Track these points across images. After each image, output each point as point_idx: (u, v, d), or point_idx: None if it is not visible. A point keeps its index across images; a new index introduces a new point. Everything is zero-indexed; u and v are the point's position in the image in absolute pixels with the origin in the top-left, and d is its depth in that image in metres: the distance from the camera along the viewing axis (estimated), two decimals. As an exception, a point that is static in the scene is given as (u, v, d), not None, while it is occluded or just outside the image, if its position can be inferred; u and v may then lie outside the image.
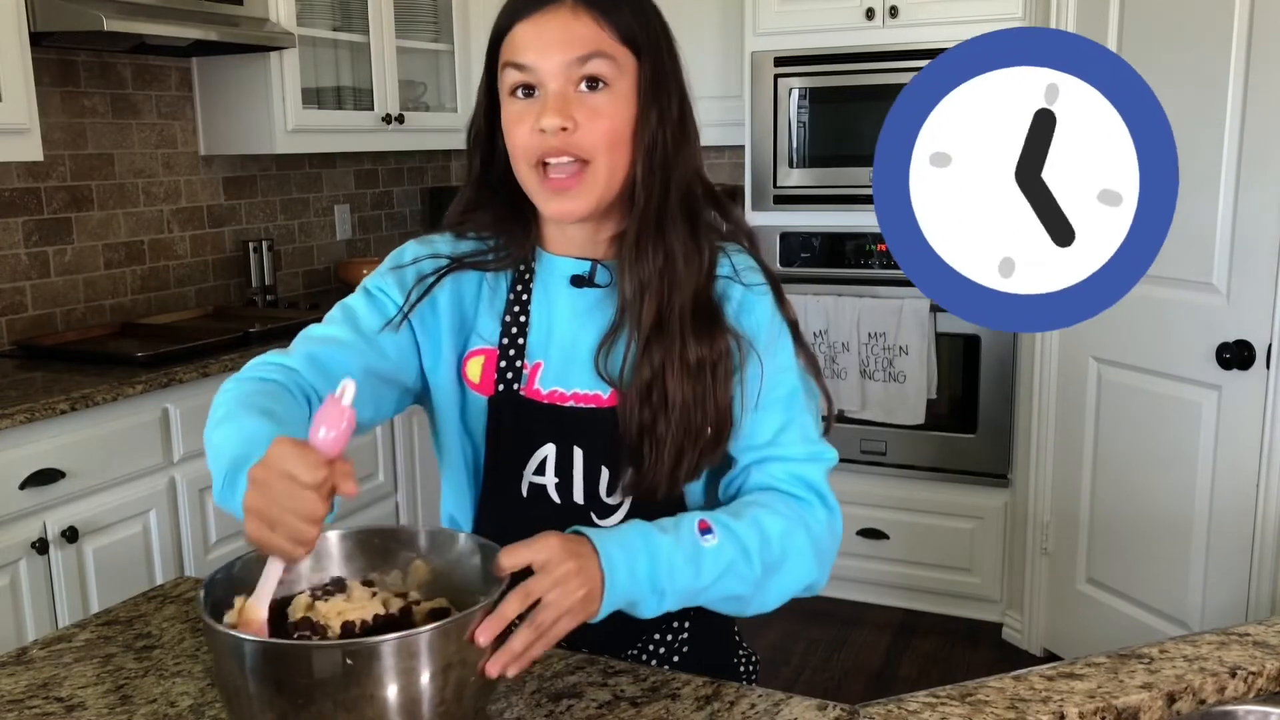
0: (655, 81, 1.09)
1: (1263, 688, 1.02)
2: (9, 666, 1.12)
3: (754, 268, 1.16)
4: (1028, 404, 3.06)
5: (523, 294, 1.17)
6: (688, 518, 1.05)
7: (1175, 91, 2.45)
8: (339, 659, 0.80)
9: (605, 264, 1.16)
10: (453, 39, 3.80)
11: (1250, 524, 2.38)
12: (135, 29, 2.55)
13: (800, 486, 1.13)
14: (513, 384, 1.15)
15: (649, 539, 1.00)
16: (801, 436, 1.14)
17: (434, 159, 4.33)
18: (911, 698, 0.98)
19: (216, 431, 1.01)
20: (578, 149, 1.07)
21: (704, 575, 1.02)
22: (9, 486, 2.17)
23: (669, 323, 1.09)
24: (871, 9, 3.18)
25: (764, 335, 1.13)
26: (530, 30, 1.07)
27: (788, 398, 1.14)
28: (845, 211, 3.32)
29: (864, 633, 3.29)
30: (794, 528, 1.09)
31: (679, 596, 1.02)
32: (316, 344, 1.13)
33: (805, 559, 1.10)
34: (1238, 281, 2.35)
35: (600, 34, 1.06)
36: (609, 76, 1.07)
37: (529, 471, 1.15)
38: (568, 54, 1.05)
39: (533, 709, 1.01)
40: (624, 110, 1.08)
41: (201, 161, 3.29)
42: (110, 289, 3.03)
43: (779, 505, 1.10)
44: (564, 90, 1.06)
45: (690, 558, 1.01)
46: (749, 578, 1.05)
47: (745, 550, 1.05)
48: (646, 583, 0.98)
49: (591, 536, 0.97)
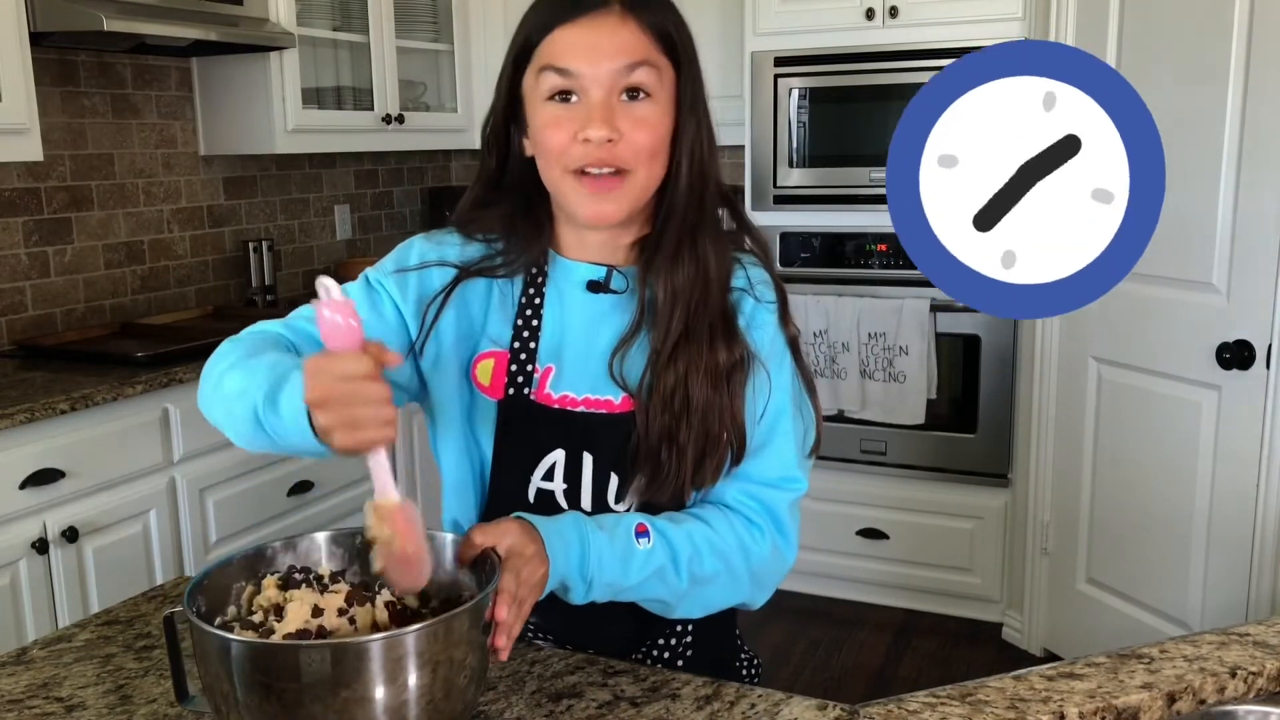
0: (694, 88, 1.10)
1: (1263, 688, 1.02)
2: (9, 666, 1.12)
3: (767, 282, 1.17)
4: (1028, 404, 3.06)
5: (535, 298, 1.16)
6: (628, 518, 1.08)
7: (1175, 91, 2.45)
8: (326, 658, 0.81)
9: (621, 270, 1.15)
10: (453, 39, 3.80)
11: (1250, 524, 2.38)
12: (135, 29, 2.55)
13: (758, 509, 1.13)
14: (523, 388, 1.14)
15: (582, 531, 1.04)
16: (777, 460, 1.14)
17: (434, 159, 4.33)
18: (911, 698, 0.98)
19: (230, 376, 1.03)
20: (620, 160, 1.06)
21: (631, 575, 1.06)
22: (9, 486, 2.17)
23: (697, 329, 1.10)
24: (871, 9, 3.18)
25: (764, 351, 1.13)
26: (575, 35, 1.05)
27: (774, 418, 1.14)
28: (845, 211, 3.32)
29: (864, 633, 3.29)
30: (730, 550, 1.11)
31: (605, 589, 1.06)
32: (310, 324, 1.13)
33: (738, 580, 1.12)
34: (1238, 281, 2.35)
35: (646, 42, 1.06)
36: (652, 86, 1.07)
37: (537, 477, 1.14)
38: (616, 61, 1.05)
39: (533, 709, 1.01)
40: (665, 120, 1.08)
41: (201, 161, 3.29)
42: (110, 289, 3.03)
43: (721, 525, 1.11)
44: (608, 99, 1.05)
45: (621, 556, 1.05)
46: (674, 586, 1.09)
47: (675, 559, 1.08)
48: (576, 569, 1.03)
49: (534, 522, 1.02)
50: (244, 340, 1.10)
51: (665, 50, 1.08)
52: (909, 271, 3.28)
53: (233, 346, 1.09)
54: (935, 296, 3.20)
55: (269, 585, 0.94)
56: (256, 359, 1.03)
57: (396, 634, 0.83)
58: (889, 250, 3.30)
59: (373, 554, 0.92)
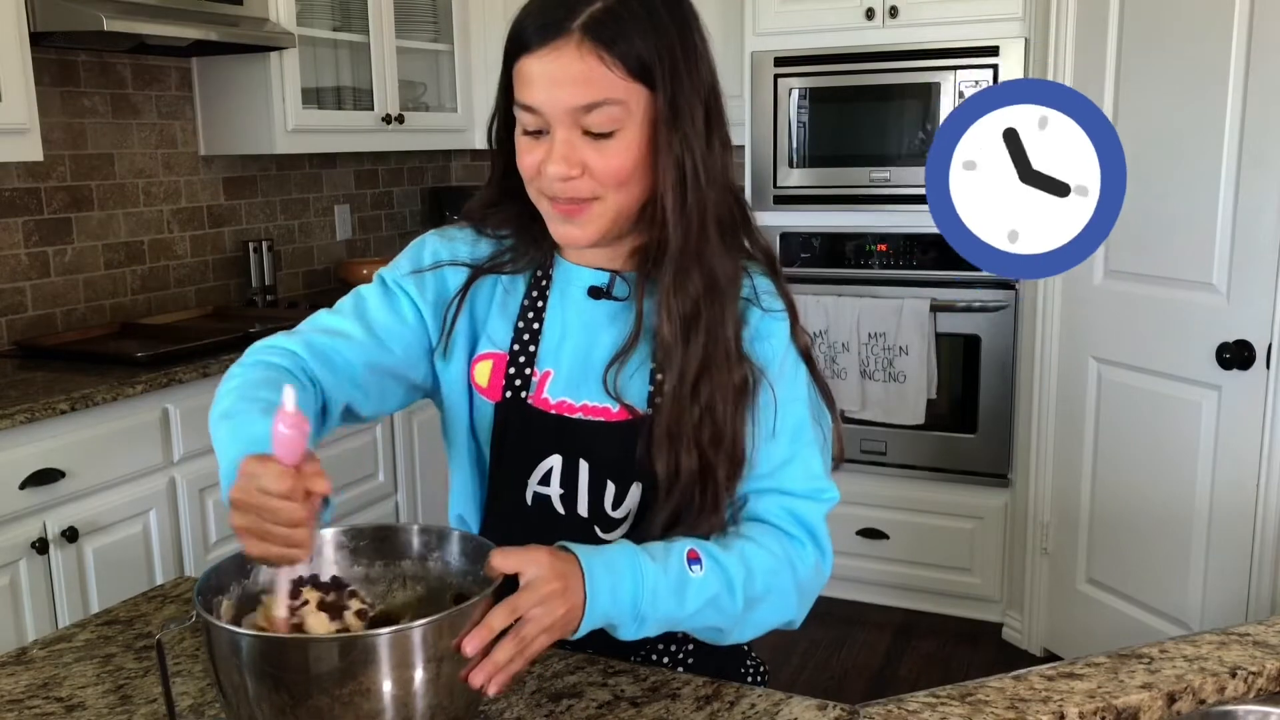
0: (673, 108, 1.03)
1: (1263, 688, 1.02)
2: (9, 666, 1.12)
3: (773, 292, 1.13)
4: (1028, 404, 3.06)
5: (538, 300, 1.15)
6: (678, 545, 1.03)
7: (1175, 91, 2.46)
8: (335, 652, 0.82)
9: (624, 276, 1.14)
10: (453, 39, 3.80)
11: (1250, 524, 2.38)
12: (135, 29, 2.55)
13: (794, 523, 1.11)
14: (521, 391, 1.13)
15: (635, 563, 0.98)
16: (804, 472, 1.11)
17: (434, 159, 4.33)
18: (911, 698, 0.98)
19: (220, 428, 1.02)
20: (582, 192, 1.04)
21: (687, 605, 1.01)
22: (9, 486, 2.17)
23: (716, 355, 1.06)
24: (871, 9, 3.18)
25: (776, 363, 1.11)
26: (536, 66, 1.01)
27: (795, 430, 1.11)
28: (845, 211, 3.32)
29: (864, 633, 3.29)
30: (780, 566, 1.07)
31: (660, 623, 1.01)
32: (323, 334, 1.13)
33: (787, 597, 1.09)
34: (1238, 281, 2.35)
35: (607, 75, 1.00)
36: (617, 123, 1.02)
37: (533, 481, 1.13)
38: (572, 100, 1.00)
39: (533, 709, 1.01)
40: (636, 148, 1.03)
41: (201, 161, 3.29)
42: (110, 289, 3.03)
43: (768, 541, 1.08)
44: (570, 136, 1.02)
45: (675, 587, 1.00)
46: (730, 611, 1.04)
47: (730, 584, 1.03)
48: (629, 607, 0.97)
49: (579, 555, 0.96)
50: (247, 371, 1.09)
51: (636, 75, 1.01)
52: (909, 271, 3.29)
53: (237, 377, 1.08)
54: (935, 296, 3.20)
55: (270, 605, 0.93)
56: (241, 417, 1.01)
57: (403, 628, 0.83)
58: (889, 250, 3.30)
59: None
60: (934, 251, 3.24)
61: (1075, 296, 2.86)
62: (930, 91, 3.17)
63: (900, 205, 3.25)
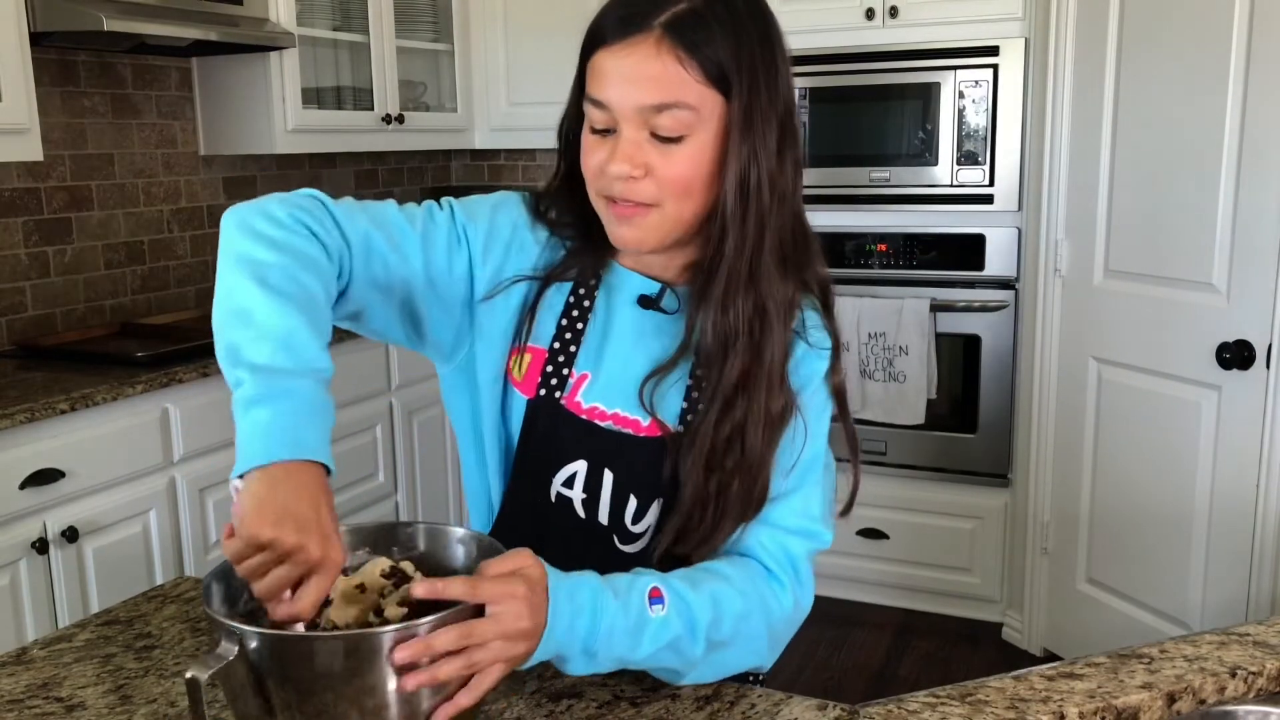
0: (747, 119, 0.99)
1: (1263, 688, 1.02)
2: (9, 666, 1.12)
3: (820, 326, 1.11)
4: (1028, 404, 3.06)
5: (584, 300, 1.13)
6: (641, 581, 0.99)
7: (1176, 92, 2.46)
8: (340, 650, 0.82)
9: (675, 289, 1.11)
10: (453, 39, 3.80)
11: (1250, 524, 2.38)
12: (135, 29, 2.55)
13: (779, 559, 1.08)
14: (555, 390, 1.11)
15: (597, 599, 0.94)
16: (802, 509, 1.09)
17: (434, 159, 4.33)
18: (911, 698, 0.98)
19: (241, 332, 1.01)
20: (642, 195, 1.01)
21: (641, 648, 0.97)
22: (9, 486, 2.17)
23: (755, 379, 1.03)
24: (871, 9, 3.18)
25: (805, 395, 1.09)
26: (611, 61, 0.99)
27: (805, 466, 1.09)
28: (845, 211, 3.32)
29: (864, 633, 3.29)
30: (751, 609, 1.04)
31: (612, 662, 0.97)
32: (384, 238, 1.06)
33: (756, 642, 1.06)
34: (1238, 281, 2.35)
35: (682, 77, 0.97)
36: (686, 128, 0.99)
37: (558, 481, 1.12)
38: (643, 98, 0.98)
39: (533, 709, 1.01)
40: (704, 156, 1.00)
41: (201, 161, 3.29)
42: (110, 289, 3.03)
43: (744, 583, 1.04)
44: (637, 136, 0.99)
45: (632, 629, 0.96)
46: (689, 655, 1.00)
47: (693, 626, 0.99)
48: (580, 643, 0.93)
49: (552, 584, 0.92)
50: (288, 241, 0.99)
51: (713, 81, 0.98)
52: (909, 271, 3.28)
53: (271, 251, 0.98)
54: (935, 296, 3.20)
55: None
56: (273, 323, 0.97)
57: (408, 625, 0.83)
58: (889, 250, 3.30)
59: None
60: (934, 251, 3.24)
61: (1075, 296, 2.86)
62: (930, 91, 3.17)
63: (900, 205, 3.26)
